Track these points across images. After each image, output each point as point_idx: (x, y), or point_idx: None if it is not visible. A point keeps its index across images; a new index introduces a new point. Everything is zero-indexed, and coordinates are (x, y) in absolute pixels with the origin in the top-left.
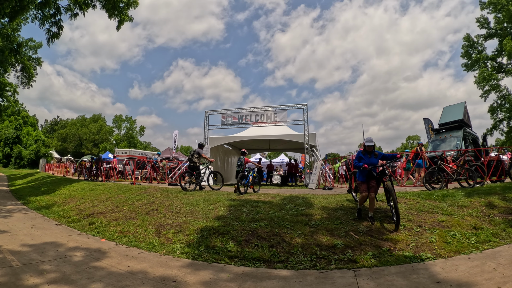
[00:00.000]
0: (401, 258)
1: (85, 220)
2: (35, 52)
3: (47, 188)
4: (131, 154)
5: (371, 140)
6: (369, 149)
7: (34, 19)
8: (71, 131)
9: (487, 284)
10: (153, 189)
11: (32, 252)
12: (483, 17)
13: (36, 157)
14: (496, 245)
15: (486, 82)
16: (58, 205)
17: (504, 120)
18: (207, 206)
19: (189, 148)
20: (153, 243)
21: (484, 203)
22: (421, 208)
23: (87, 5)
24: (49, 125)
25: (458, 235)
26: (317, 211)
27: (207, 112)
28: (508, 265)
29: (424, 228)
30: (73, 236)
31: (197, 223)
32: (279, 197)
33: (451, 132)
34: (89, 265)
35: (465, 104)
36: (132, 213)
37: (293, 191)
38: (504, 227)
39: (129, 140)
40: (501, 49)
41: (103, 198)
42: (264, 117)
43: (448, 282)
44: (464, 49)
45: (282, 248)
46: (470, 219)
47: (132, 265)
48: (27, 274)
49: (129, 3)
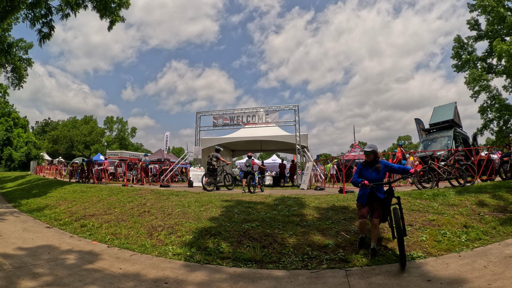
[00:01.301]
0: (392, 257)
1: (76, 223)
2: (25, 52)
3: (38, 190)
4: (122, 156)
5: (370, 147)
6: (368, 158)
7: (25, 19)
8: (62, 132)
9: (477, 281)
10: (145, 191)
11: (24, 256)
12: (474, 19)
13: (27, 159)
14: (487, 243)
15: (476, 82)
16: (49, 208)
17: (494, 120)
18: (198, 207)
19: (181, 149)
20: (145, 245)
21: (474, 201)
22: (412, 208)
23: (78, 5)
24: (40, 127)
25: (448, 234)
26: (309, 211)
27: (199, 113)
28: (499, 262)
29: (415, 227)
30: (65, 239)
31: (189, 225)
32: (270, 198)
33: (441, 132)
34: (82, 267)
35: (455, 105)
36: (124, 215)
37: (285, 192)
38: (494, 225)
39: (121, 142)
40: (491, 50)
41: (95, 200)
42: (255, 118)
43: (439, 280)
44: (455, 51)
45: (273, 248)
46: (460, 217)
47: (124, 267)
48: (20, 278)
49: (120, 3)
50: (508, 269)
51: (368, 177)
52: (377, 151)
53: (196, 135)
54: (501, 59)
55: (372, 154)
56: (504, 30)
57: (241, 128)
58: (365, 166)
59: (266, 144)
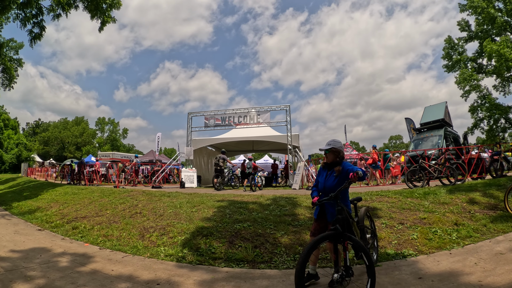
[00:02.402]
0: (384, 255)
1: (68, 225)
2: (16, 53)
3: (30, 193)
4: (114, 157)
5: (329, 144)
6: (327, 160)
7: (16, 19)
8: (53, 134)
9: (468, 278)
10: (137, 192)
11: (16, 259)
12: (464, 20)
13: (18, 161)
14: (477, 240)
15: (467, 82)
16: (41, 210)
17: (484, 119)
18: (190, 208)
19: (173, 150)
20: (137, 247)
21: (465, 200)
22: (403, 206)
23: (69, 5)
24: (30, 128)
25: (439, 232)
26: (300, 211)
27: (190, 114)
28: (489, 259)
29: (406, 225)
30: (57, 241)
31: (181, 226)
32: (262, 198)
33: (432, 131)
34: (74, 270)
35: (446, 104)
36: (116, 216)
37: (276, 192)
38: (484, 223)
39: (112, 143)
40: (481, 51)
41: (86, 202)
42: (247, 119)
43: (430, 277)
44: (445, 51)
45: (265, 248)
46: (451, 215)
47: (116, 269)
48: (12, 281)
49: (112, 4)
50: (498, 266)
51: (320, 184)
52: (339, 149)
53: (187, 136)
54: (491, 59)
55: (331, 154)
56: (494, 30)
57: (233, 129)
58: (324, 168)
59: (258, 144)
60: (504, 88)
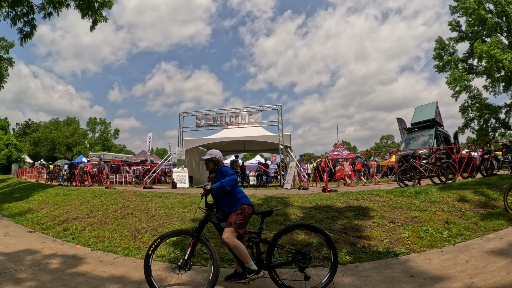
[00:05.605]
0: (376, 254)
1: (59, 227)
2: (6, 52)
3: (20, 194)
4: (105, 158)
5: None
6: (207, 168)
7: (6, 17)
8: (44, 134)
9: (460, 276)
10: (128, 193)
11: (6, 261)
12: (455, 20)
13: (8, 162)
14: (468, 238)
15: (457, 82)
16: (31, 212)
17: (475, 119)
18: (182, 209)
19: (165, 150)
20: (129, 248)
21: (456, 198)
22: (394, 205)
23: (61, 4)
24: (21, 129)
25: (430, 230)
26: (292, 211)
27: (182, 114)
28: (480, 257)
29: (397, 224)
30: (48, 243)
31: (173, 226)
32: (254, 198)
33: (423, 131)
34: (65, 272)
35: (436, 104)
36: (107, 217)
37: (268, 192)
38: (475, 221)
39: (104, 144)
40: (472, 51)
41: (78, 203)
42: (238, 119)
43: (422, 275)
44: (436, 52)
45: None
46: (442, 214)
47: (108, 270)
48: (2, 284)
49: (103, 2)
50: (489, 263)
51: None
52: (218, 159)
53: (179, 136)
54: (481, 60)
55: (212, 163)
56: (485, 31)
57: (225, 129)
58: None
59: (250, 144)
60: (494, 88)
